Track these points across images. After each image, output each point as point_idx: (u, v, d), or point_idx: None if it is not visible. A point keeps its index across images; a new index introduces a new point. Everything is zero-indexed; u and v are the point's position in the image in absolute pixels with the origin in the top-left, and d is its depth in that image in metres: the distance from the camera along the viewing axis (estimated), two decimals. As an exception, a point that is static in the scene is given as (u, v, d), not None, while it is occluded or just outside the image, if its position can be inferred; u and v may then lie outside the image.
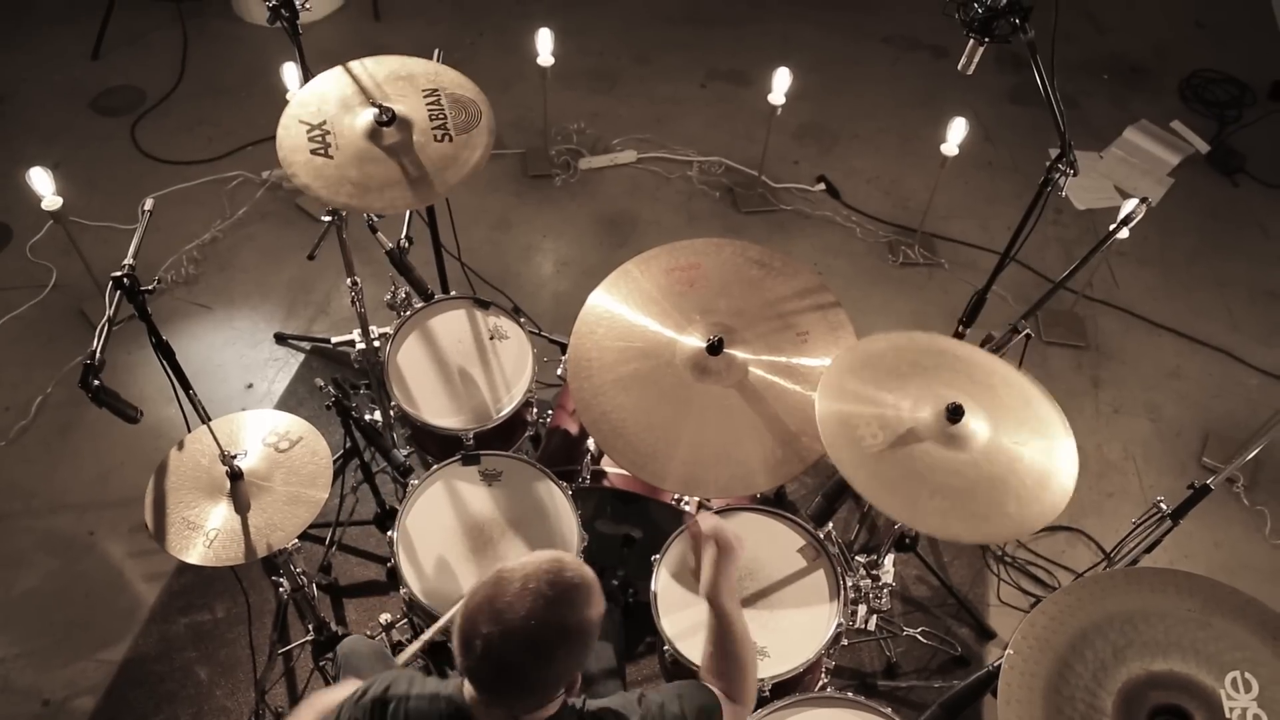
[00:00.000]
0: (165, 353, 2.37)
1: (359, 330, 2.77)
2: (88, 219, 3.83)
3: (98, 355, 1.94)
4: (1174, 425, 3.56)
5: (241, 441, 2.18)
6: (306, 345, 3.58)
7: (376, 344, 2.76)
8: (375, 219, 2.57)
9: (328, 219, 2.54)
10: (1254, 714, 1.64)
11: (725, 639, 1.73)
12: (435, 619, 2.23)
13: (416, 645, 2.06)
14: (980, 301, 2.89)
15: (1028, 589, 3.09)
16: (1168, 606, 1.76)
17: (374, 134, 2.35)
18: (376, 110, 2.33)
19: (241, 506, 2.08)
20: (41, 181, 3.07)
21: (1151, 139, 4.54)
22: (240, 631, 2.88)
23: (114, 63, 4.61)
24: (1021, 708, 1.68)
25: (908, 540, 2.93)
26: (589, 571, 1.51)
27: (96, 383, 1.90)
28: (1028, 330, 2.46)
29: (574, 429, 2.72)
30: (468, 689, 1.50)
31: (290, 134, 2.37)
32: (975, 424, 2.06)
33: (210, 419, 2.03)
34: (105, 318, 2.07)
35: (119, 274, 2.16)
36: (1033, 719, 1.67)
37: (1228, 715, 1.65)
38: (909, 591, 3.04)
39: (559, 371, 2.66)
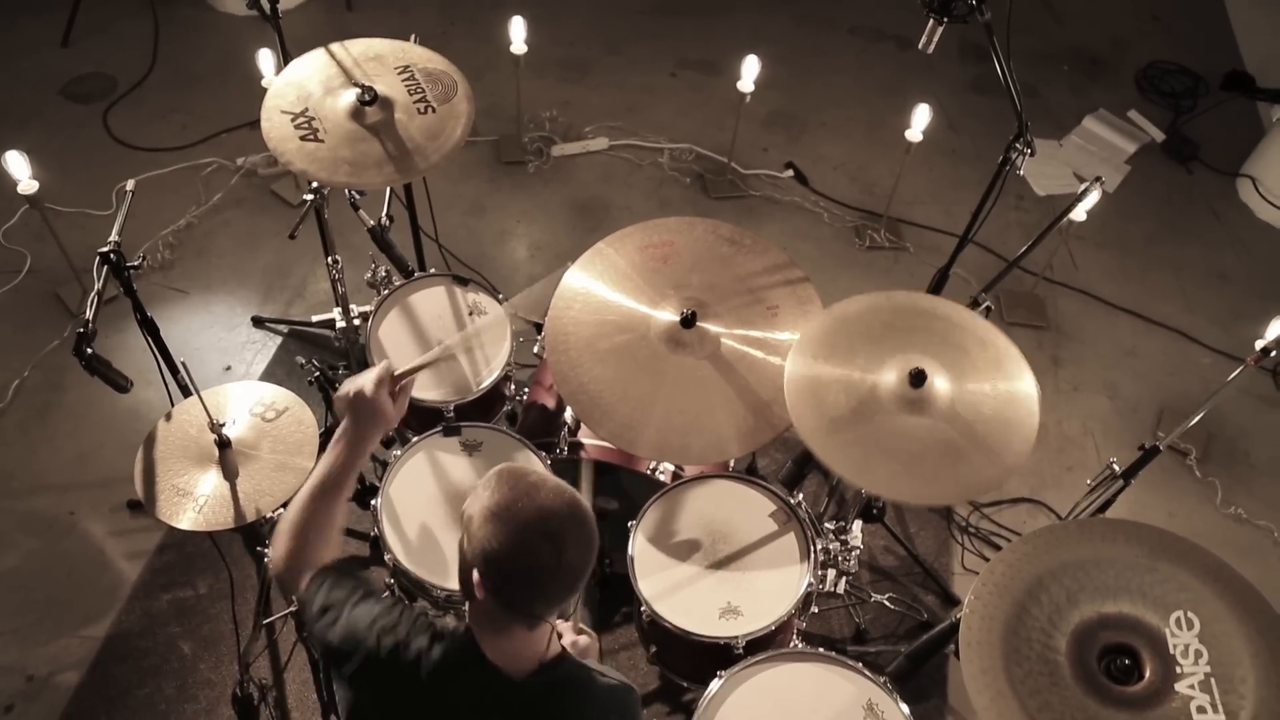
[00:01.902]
0: (149, 329, 2.42)
1: (338, 309, 2.82)
2: (61, 205, 3.83)
3: (90, 324, 1.98)
4: (1131, 402, 3.69)
5: (228, 412, 2.23)
6: (284, 328, 3.62)
7: (357, 322, 2.81)
8: (357, 196, 2.63)
9: (308, 198, 2.59)
10: (1195, 649, 1.75)
11: None
12: (420, 586, 2.30)
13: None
14: (943, 279, 3.00)
15: (990, 558, 3.20)
16: (1117, 554, 1.86)
17: (357, 114, 2.41)
18: (358, 90, 2.38)
19: (230, 474, 2.13)
20: (17, 165, 3.09)
21: (1109, 128, 4.68)
22: (223, 606, 2.92)
23: (84, 50, 4.61)
24: (982, 649, 1.78)
25: (875, 510, 3.02)
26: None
27: (89, 351, 1.95)
28: (988, 303, 2.56)
29: (551, 403, 2.79)
30: (479, 628, 1.51)
31: (275, 125, 2.43)
32: (939, 387, 2.15)
33: (199, 390, 2.08)
34: (94, 290, 2.12)
35: (106, 249, 2.21)
36: (992, 659, 1.77)
37: (1172, 651, 1.76)
38: (877, 561, 3.14)
39: (536, 350, 2.73)
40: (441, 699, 1.52)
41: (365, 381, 1.68)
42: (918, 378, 2.12)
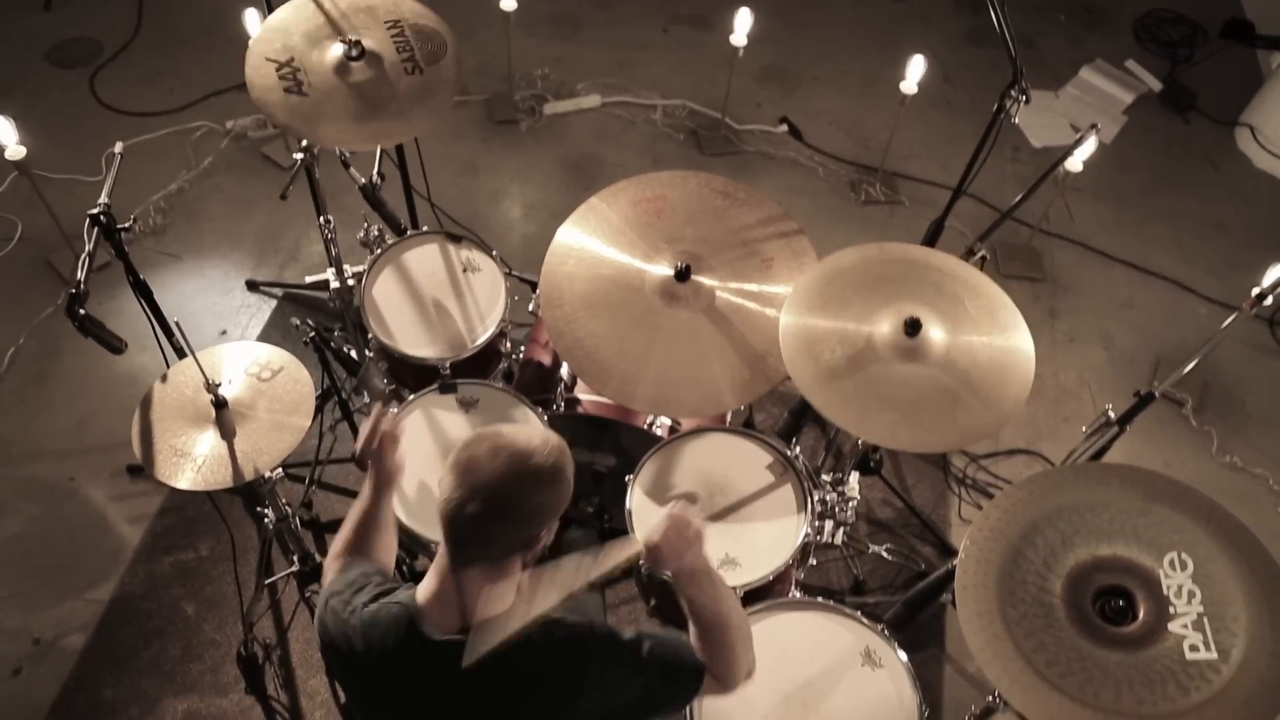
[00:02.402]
0: (143, 291, 2.41)
1: (332, 270, 2.81)
2: (50, 171, 3.80)
3: (82, 284, 1.97)
4: (1127, 353, 3.70)
5: (224, 373, 2.23)
6: (278, 291, 3.61)
7: (351, 282, 2.80)
8: (348, 154, 2.60)
9: (298, 156, 2.57)
10: (1189, 590, 1.77)
11: (703, 626, 1.65)
12: (420, 542, 2.31)
13: None
14: (938, 231, 2.99)
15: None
16: (1112, 497, 1.88)
17: (343, 69, 2.38)
18: (345, 46, 2.35)
19: (227, 433, 2.13)
20: (4, 131, 3.05)
21: (1106, 78, 4.64)
22: (225, 568, 2.94)
23: (67, 14, 4.55)
24: (978, 592, 1.80)
25: (872, 463, 3.04)
26: (564, 465, 1.53)
27: (82, 311, 1.94)
28: (983, 252, 2.55)
29: (547, 360, 2.79)
30: (427, 582, 1.54)
31: (260, 74, 2.40)
32: (934, 336, 2.15)
33: (193, 350, 2.08)
34: (85, 252, 2.10)
35: (95, 211, 2.20)
36: (988, 602, 1.78)
37: (1165, 592, 1.77)
38: (874, 514, 3.16)
39: (531, 307, 2.72)
40: (371, 653, 1.54)
41: (361, 439, 1.82)
42: (913, 327, 2.12)
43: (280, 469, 2.39)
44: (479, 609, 1.50)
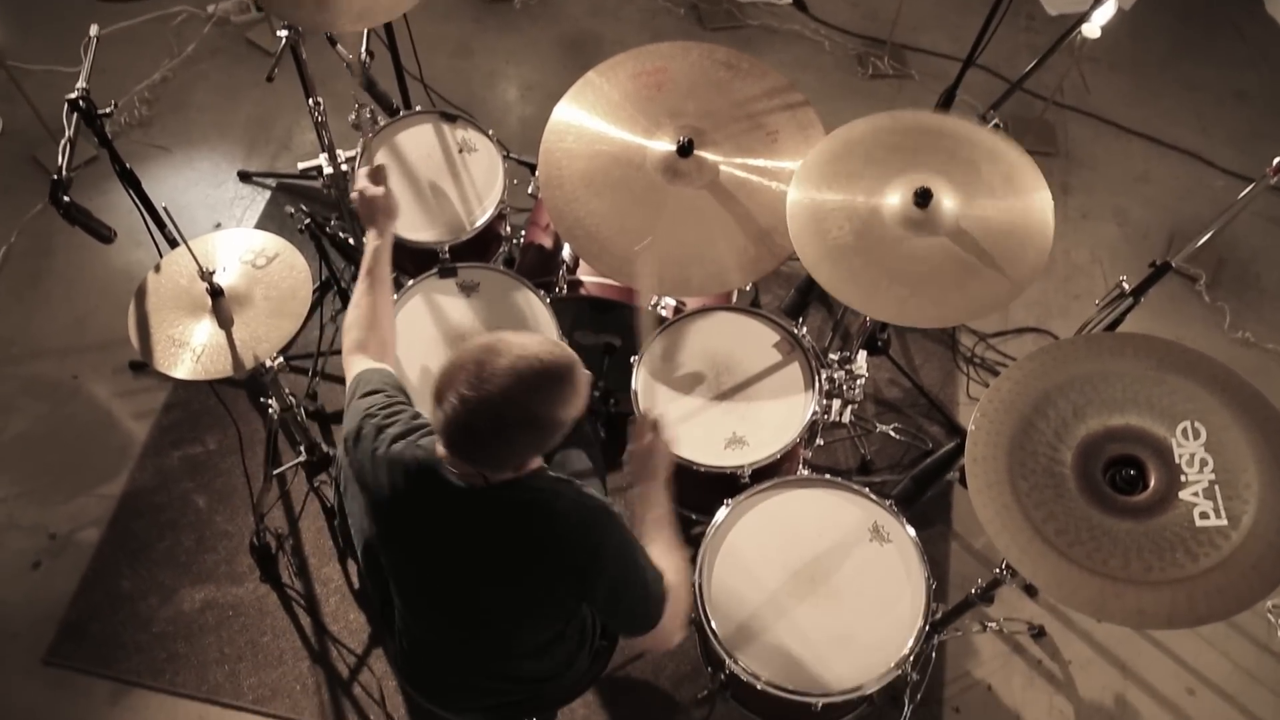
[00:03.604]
0: (130, 180, 2.35)
1: (325, 155, 2.73)
2: (28, 63, 3.67)
3: (64, 171, 1.91)
4: (1140, 228, 3.62)
5: (218, 261, 2.18)
6: (272, 181, 3.53)
7: (345, 168, 2.72)
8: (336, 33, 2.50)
9: (283, 34, 2.46)
10: (1201, 458, 1.75)
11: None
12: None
13: None
14: (948, 102, 2.89)
15: (995, 387, 3.20)
16: (1125, 367, 1.84)
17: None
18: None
19: (225, 322, 2.09)
20: (-24, 18, 2.94)
21: (1126, -61, 4.41)
22: (233, 461, 2.94)
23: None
24: (988, 464, 1.78)
25: (879, 343, 3.00)
26: (579, 373, 1.56)
27: (67, 199, 1.88)
28: (996, 120, 2.46)
29: (548, 243, 2.73)
30: (439, 444, 1.58)
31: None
32: (946, 205, 2.08)
33: (184, 238, 2.03)
34: (66, 138, 2.03)
35: (74, 96, 2.12)
36: (998, 474, 1.77)
37: (1177, 461, 1.76)
38: (882, 394, 3.15)
39: (530, 190, 2.65)
40: (396, 484, 1.62)
41: (360, 184, 2.03)
42: (923, 197, 2.05)
43: (282, 359, 2.36)
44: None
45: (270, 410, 2.47)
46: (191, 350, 2.07)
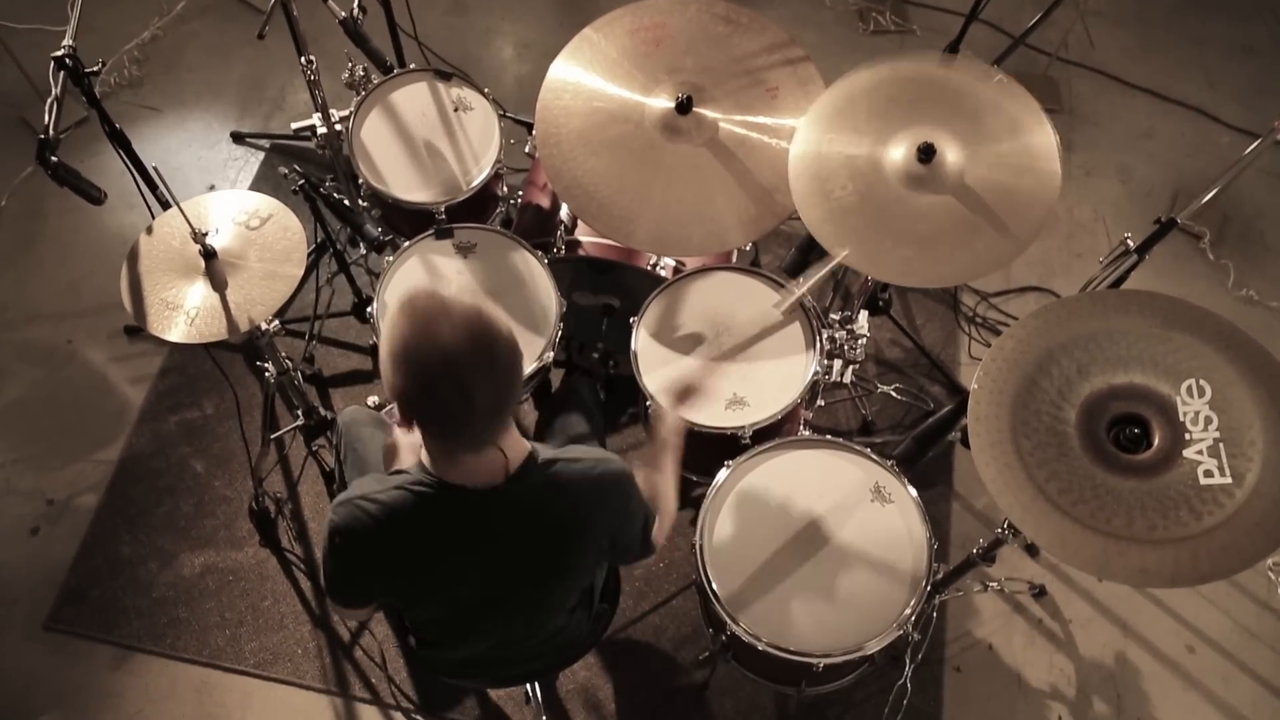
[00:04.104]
0: (119, 140, 2.30)
1: (318, 114, 2.68)
2: (13, 21, 3.60)
3: (51, 130, 1.87)
4: (1144, 185, 3.57)
5: (211, 223, 2.15)
6: (265, 143, 3.48)
7: (339, 127, 2.67)
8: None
9: (273, -11, 2.40)
10: (1205, 416, 1.73)
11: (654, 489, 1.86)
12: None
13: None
14: (952, 55, 2.83)
15: (997, 347, 3.18)
16: (1130, 325, 1.82)
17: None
18: None
19: (219, 284, 2.07)
20: (-40, -25, 2.87)
21: (1133, -110, 4.32)
22: (231, 425, 2.93)
23: None
24: (990, 423, 1.77)
25: (881, 302, 2.98)
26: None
27: (54, 159, 1.85)
28: (999, 77, 2.41)
29: (546, 203, 2.69)
30: (424, 456, 1.51)
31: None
32: (950, 160, 2.05)
33: (176, 199, 1.99)
34: (53, 96, 1.99)
35: (60, 53, 2.07)
36: (1001, 432, 1.76)
37: (1182, 418, 1.74)
38: (883, 354, 3.13)
39: (528, 149, 2.61)
40: (410, 529, 1.53)
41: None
42: (926, 152, 2.01)
43: (278, 322, 2.34)
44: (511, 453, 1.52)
45: (267, 374, 2.45)
46: (185, 313, 2.04)
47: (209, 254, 2.06)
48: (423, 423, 1.42)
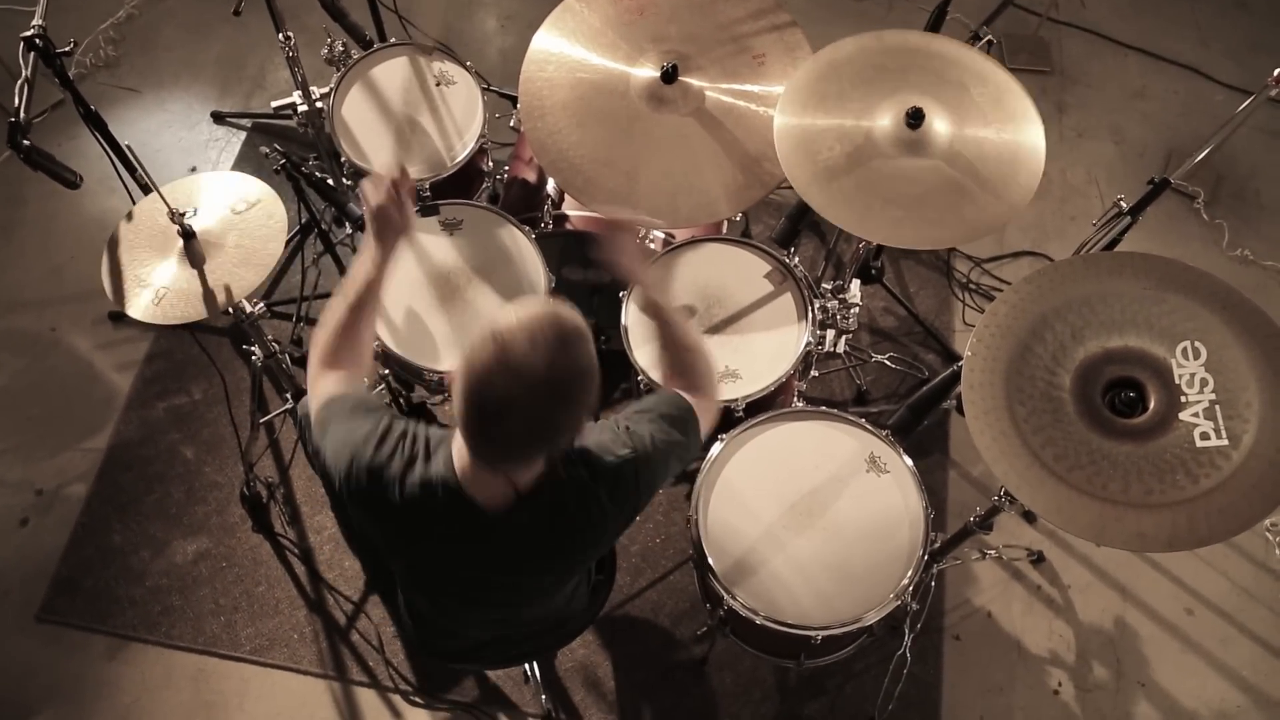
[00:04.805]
0: (95, 122, 2.26)
1: (298, 92, 2.63)
2: (-14, 3, 3.54)
3: (21, 113, 1.83)
4: (1137, 146, 3.54)
5: (195, 202, 2.11)
6: (247, 122, 3.43)
7: (319, 105, 2.63)
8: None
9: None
10: (1201, 378, 1.72)
11: (667, 334, 1.70)
12: (411, 369, 2.25)
13: None
14: (939, 20, 2.78)
15: (991, 313, 3.16)
16: (1124, 287, 1.80)
17: None
18: None
19: (197, 262, 2.03)
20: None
21: None
22: (219, 411, 2.90)
23: None
24: (985, 390, 1.74)
25: (873, 271, 2.95)
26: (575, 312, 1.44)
27: (26, 142, 1.81)
28: (989, 37, 2.37)
29: (532, 177, 2.66)
30: (461, 463, 1.46)
31: None
32: (939, 126, 2.02)
33: (156, 185, 1.95)
34: (23, 77, 1.95)
35: (29, 34, 2.03)
36: (995, 399, 1.73)
37: (1177, 381, 1.72)
38: (876, 323, 3.10)
39: (512, 123, 2.57)
40: (417, 524, 1.51)
41: (367, 191, 1.68)
42: (915, 117, 1.98)
43: (263, 305, 2.31)
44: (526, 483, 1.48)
45: (254, 358, 2.42)
46: (154, 291, 2.00)
47: (188, 234, 2.03)
48: (471, 442, 1.41)
